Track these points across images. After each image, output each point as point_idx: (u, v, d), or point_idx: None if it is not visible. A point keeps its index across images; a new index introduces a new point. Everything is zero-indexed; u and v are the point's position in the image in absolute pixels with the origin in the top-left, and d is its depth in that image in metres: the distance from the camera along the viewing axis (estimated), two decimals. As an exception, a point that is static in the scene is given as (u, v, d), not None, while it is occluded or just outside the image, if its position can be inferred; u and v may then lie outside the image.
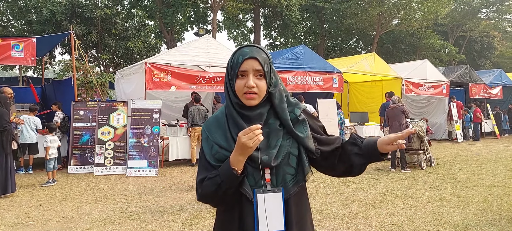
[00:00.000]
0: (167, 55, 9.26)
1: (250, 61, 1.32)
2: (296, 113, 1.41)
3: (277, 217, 1.32)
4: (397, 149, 1.36)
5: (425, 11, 22.31)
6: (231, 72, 1.37)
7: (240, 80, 1.33)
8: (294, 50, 10.93)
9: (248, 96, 1.32)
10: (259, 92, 1.33)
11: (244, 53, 1.34)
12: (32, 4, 15.33)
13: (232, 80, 1.36)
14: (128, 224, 4.59)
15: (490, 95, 16.79)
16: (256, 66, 1.32)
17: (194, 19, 22.03)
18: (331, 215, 4.87)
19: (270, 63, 1.38)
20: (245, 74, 1.33)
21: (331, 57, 24.44)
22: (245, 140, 1.22)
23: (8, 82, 12.52)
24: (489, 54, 33.08)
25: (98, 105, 8.29)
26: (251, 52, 1.34)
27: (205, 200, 1.37)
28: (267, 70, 1.35)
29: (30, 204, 5.52)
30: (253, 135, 1.22)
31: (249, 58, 1.33)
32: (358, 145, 1.45)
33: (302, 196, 1.43)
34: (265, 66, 1.34)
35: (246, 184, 1.32)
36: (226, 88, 1.40)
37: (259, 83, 1.33)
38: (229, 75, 1.39)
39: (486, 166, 8.87)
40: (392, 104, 8.56)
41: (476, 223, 4.58)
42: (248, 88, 1.31)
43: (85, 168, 8.25)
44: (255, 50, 1.35)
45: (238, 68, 1.33)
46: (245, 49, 1.35)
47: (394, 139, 1.33)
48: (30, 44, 7.62)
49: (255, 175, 1.33)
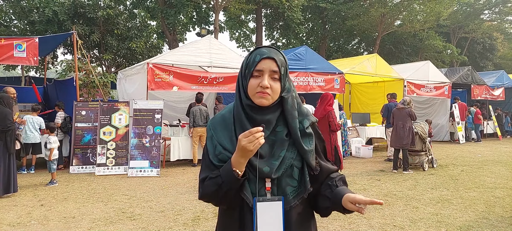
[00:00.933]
0: (169, 55, 9.27)
1: (268, 61, 1.31)
2: (304, 125, 1.38)
3: (276, 226, 1.30)
4: (357, 211, 1.27)
5: (427, 12, 22.28)
6: (245, 71, 1.35)
7: (254, 80, 1.31)
8: (296, 51, 10.93)
9: (260, 95, 1.29)
10: (272, 94, 1.31)
11: (262, 53, 1.32)
12: (34, 4, 15.38)
13: (245, 79, 1.34)
14: (130, 224, 4.60)
15: (492, 96, 16.76)
16: (273, 67, 1.31)
17: (196, 19, 22.05)
18: (333, 216, 4.86)
19: (286, 67, 1.36)
20: (260, 74, 1.31)
21: (333, 58, 24.42)
22: (245, 143, 1.21)
23: (11, 82, 12.58)
24: (491, 55, 33.00)
25: (100, 106, 8.30)
26: (269, 53, 1.32)
27: (206, 199, 1.37)
28: (283, 73, 1.33)
29: (32, 204, 5.53)
30: (253, 138, 1.21)
31: (267, 58, 1.31)
32: (331, 189, 1.40)
33: (304, 208, 1.40)
34: (282, 69, 1.32)
35: (247, 189, 1.31)
36: (238, 87, 1.38)
37: (274, 84, 1.31)
38: (243, 74, 1.36)
39: (488, 167, 8.85)
40: (400, 104, 8.41)
41: (478, 225, 4.57)
42: (262, 87, 1.29)
43: (87, 168, 8.26)
44: (273, 51, 1.34)
45: (254, 67, 1.31)
46: (263, 49, 1.34)
47: (359, 201, 1.26)
48: (32, 44, 7.64)
49: (257, 183, 1.31)
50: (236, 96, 1.39)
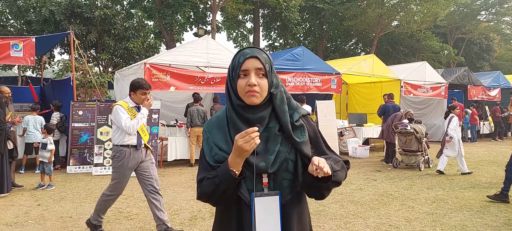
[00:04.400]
0: (166, 55, 9.27)
1: (252, 60, 1.35)
2: (294, 118, 1.41)
3: (273, 220, 1.33)
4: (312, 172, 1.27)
5: (424, 13, 22.37)
6: (232, 74, 1.38)
7: (242, 80, 1.35)
8: (293, 51, 10.95)
9: (250, 93, 1.32)
10: (261, 91, 1.34)
11: (245, 53, 1.36)
12: (31, 3, 15.33)
13: (233, 81, 1.38)
14: (127, 224, 4.61)
15: (488, 97, 16.84)
16: (257, 65, 1.34)
17: (193, 19, 22.03)
18: (329, 216, 4.89)
19: (271, 64, 1.40)
20: (246, 73, 1.34)
21: (330, 58, 24.48)
22: (241, 143, 1.24)
23: (7, 82, 12.51)
24: (488, 56, 33.16)
25: (97, 106, 8.30)
26: (251, 52, 1.36)
27: (204, 199, 1.39)
28: (268, 70, 1.37)
29: (29, 204, 5.52)
30: (249, 138, 1.24)
31: (250, 57, 1.35)
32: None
33: (300, 201, 1.43)
34: (266, 66, 1.36)
35: (243, 187, 1.34)
36: (228, 90, 1.41)
37: (261, 82, 1.34)
38: (230, 77, 1.40)
39: (484, 167, 8.90)
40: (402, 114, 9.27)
41: (473, 225, 4.61)
42: (250, 86, 1.32)
43: (84, 168, 8.25)
44: (255, 50, 1.38)
45: (240, 68, 1.34)
46: (246, 50, 1.38)
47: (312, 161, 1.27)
48: (29, 44, 7.62)
49: (254, 179, 1.33)
50: (226, 99, 1.43)
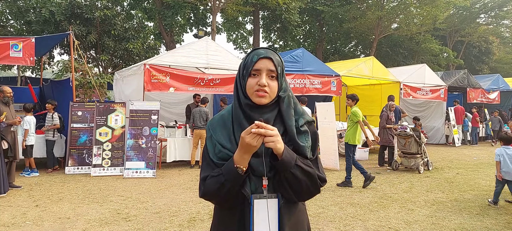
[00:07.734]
0: (166, 56, 9.27)
1: (265, 61, 1.36)
2: (299, 123, 1.42)
3: (272, 222, 1.33)
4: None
5: (423, 15, 22.38)
6: (243, 72, 1.39)
7: (253, 79, 1.35)
8: (293, 53, 10.96)
9: (259, 94, 1.33)
10: (270, 93, 1.35)
11: (259, 53, 1.37)
12: (31, 4, 15.32)
13: (243, 79, 1.38)
14: (125, 225, 4.59)
15: (488, 100, 16.85)
16: (270, 66, 1.35)
17: (193, 21, 22.04)
18: (328, 218, 4.88)
19: (282, 67, 1.41)
20: (258, 73, 1.35)
21: (330, 60, 24.51)
22: (249, 140, 1.23)
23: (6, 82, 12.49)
24: (487, 59, 33.19)
25: (96, 106, 8.28)
26: (266, 53, 1.37)
27: (207, 197, 1.39)
28: (280, 73, 1.38)
29: (26, 205, 5.50)
30: (257, 132, 1.23)
31: (264, 58, 1.36)
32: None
33: (299, 205, 1.44)
34: (278, 68, 1.37)
35: (248, 185, 1.34)
36: (236, 87, 1.42)
37: (271, 83, 1.35)
38: (241, 75, 1.41)
39: (483, 170, 8.89)
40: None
41: (472, 228, 4.60)
42: (260, 86, 1.33)
43: (83, 168, 8.22)
44: (270, 52, 1.39)
45: (252, 67, 1.35)
46: (261, 50, 1.39)
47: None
48: (29, 44, 7.61)
49: (253, 181, 1.34)
50: (234, 96, 1.43)
